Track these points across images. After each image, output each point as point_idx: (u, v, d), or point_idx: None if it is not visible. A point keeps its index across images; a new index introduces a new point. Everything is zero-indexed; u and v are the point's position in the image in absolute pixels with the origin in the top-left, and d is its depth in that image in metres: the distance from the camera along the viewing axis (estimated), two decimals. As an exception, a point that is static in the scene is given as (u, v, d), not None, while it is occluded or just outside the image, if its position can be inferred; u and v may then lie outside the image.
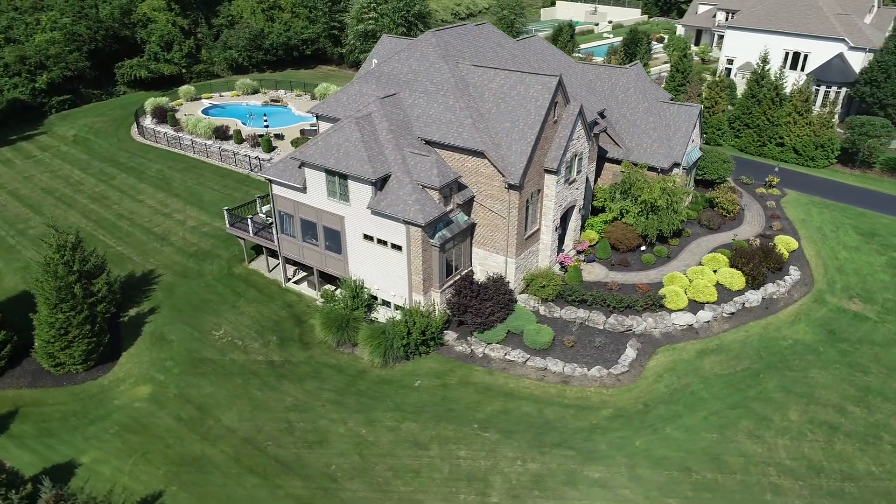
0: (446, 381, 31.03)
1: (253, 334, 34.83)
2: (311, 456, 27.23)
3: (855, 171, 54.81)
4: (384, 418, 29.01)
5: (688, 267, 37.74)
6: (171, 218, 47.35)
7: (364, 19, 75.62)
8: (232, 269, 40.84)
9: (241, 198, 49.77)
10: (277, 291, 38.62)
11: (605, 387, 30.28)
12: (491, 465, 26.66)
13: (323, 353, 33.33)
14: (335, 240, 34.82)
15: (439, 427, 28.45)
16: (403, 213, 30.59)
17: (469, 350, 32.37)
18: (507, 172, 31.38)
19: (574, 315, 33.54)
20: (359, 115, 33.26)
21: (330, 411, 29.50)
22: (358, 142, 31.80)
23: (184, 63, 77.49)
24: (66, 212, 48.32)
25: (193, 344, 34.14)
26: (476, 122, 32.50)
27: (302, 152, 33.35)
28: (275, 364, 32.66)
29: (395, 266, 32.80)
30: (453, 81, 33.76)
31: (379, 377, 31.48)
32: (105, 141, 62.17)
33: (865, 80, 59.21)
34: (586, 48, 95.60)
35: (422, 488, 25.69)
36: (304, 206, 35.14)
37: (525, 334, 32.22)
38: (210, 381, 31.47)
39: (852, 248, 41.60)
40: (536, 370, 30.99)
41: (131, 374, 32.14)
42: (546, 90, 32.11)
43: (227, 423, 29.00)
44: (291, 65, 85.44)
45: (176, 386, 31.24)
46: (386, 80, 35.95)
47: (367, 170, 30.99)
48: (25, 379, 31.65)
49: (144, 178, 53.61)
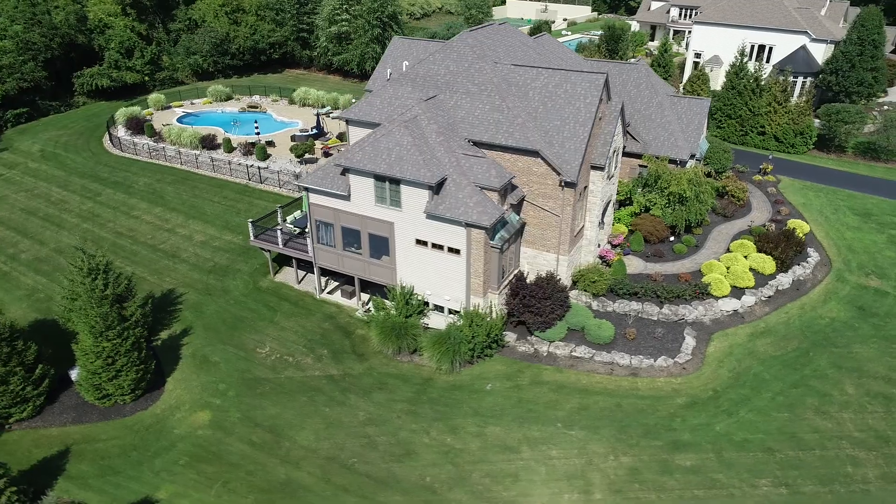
0: (517, 382, 30.91)
1: (302, 349, 33.58)
2: (402, 469, 26.54)
3: (831, 155, 58.12)
4: (466, 424, 28.61)
5: (716, 254, 39.09)
6: (175, 233, 44.98)
7: (337, 21, 74.15)
8: (258, 284, 39.22)
9: (244, 209, 47.93)
10: (313, 303, 37.37)
11: (673, 376, 30.96)
12: (585, 462, 26.77)
13: (381, 363, 32.52)
14: (382, 247, 34.00)
15: (524, 429, 28.32)
16: (465, 215, 30.21)
17: (532, 349, 32.35)
18: (563, 170, 31.53)
19: (628, 308, 34.10)
20: (405, 118, 32.61)
21: (407, 422, 28.83)
22: (410, 145, 31.18)
23: (147, 70, 73.68)
24: (57, 233, 45.07)
25: (241, 364, 32.58)
26: (526, 121, 32.48)
27: (348, 158, 32.37)
28: (335, 378, 31.61)
29: (451, 270, 32.35)
30: (497, 81, 33.62)
31: (447, 383, 31.01)
32: (78, 155, 58.33)
33: (831, 69, 62.90)
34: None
35: (524, 492, 25.50)
36: (346, 214, 34.13)
37: (587, 330, 32.49)
38: (272, 402, 30.13)
39: (854, 229, 44.15)
40: (604, 364, 31.32)
41: (183, 401, 30.35)
42: (594, 88, 32.47)
43: (304, 443, 27.85)
44: (258, 69, 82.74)
45: (237, 409, 29.73)
46: (422, 83, 35.40)
47: (424, 174, 30.42)
48: (68, 415, 29.36)
49: (134, 193, 50.69)
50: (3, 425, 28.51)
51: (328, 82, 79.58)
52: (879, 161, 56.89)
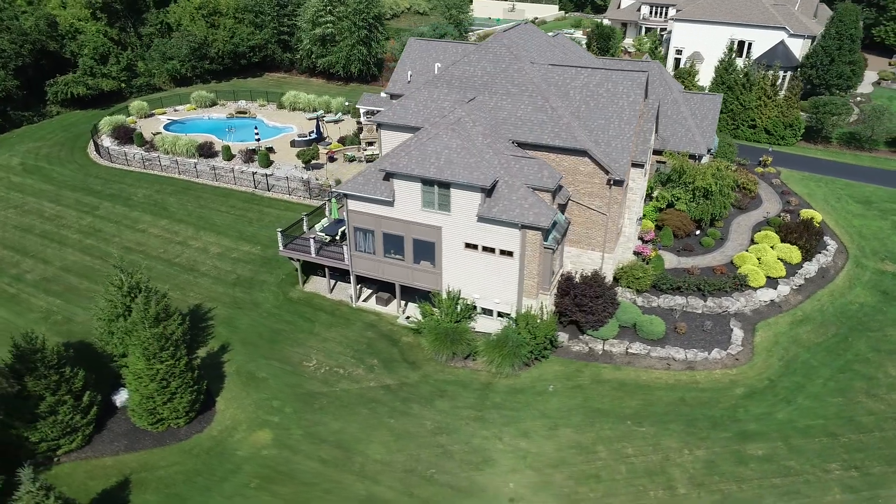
0: (578, 381, 30.91)
1: (351, 360, 32.74)
2: (483, 477, 26.15)
3: (818, 146, 60.43)
4: (536, 427, 28.42)
5: (741, 246, 40.05)
6: (188, 246, 43.23)
7: (321, 23, 72.72)
8: (288, 295, 38.06)
9: (255, 218, 46.52)
10: (350, 312, 36.50)
11: (728, 367, 31.53)
12: (662, 457, 26.96)
13: (436, 370, 31.99)
14: (427, 252, 33.46)
15: (595, 428, 28.33)
16: (521, 217, 29.98)
17: (587, 349, 32.42)
18: (612, 169, 31.68)
19: (673, 302, 34.56)
20: (449, 120, 32.17)
21: (477, 429, 28.44)
22: (460, 148, 30.76)
23: (123, 77, 70.59)
24: (60, 250, 42.68)
25: (291, 379, 31.53)
26: (571, 121, 32.50)
27: (393, 163, 31.69)
28: (391, 388, 30.92)
29: (502, 273, 32.09)
30: (537, 81, 33.53)
31: (508, 387, 30.75)
32: (64, 167, 55.42)
33: (811, 63, 65.42)
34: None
35: (610, 492, 25.50)
36: (388, 220, 33.44)
37: (639, 326, 32.77)
38: (332, 416, 29.24)
39: (859, 216, 45.99)
40: (661, 360, 31.65)
41: (239, 420, 29.13)
42: (637, 86, 32.74)
43: (376, 456, 27.13)
44: (237, 74, 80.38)
45: (298, 426, 28.72)
46: (458, 84, 34.99)
47: (477, 176, 30.04)
48: (120, 442, 27.78)
49: (134, 206, 48.48)
50: (51, 458, 26.75)
51: (312, 85, 78.02)
52: (863, 150, 59.46)
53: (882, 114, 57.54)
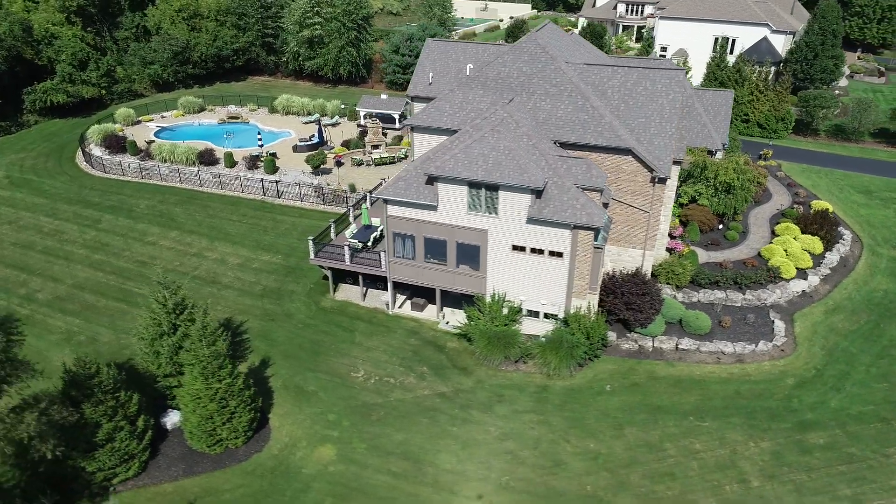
0: (633, 380, 31.00)
1: (399, 369, 32.08)
2: (559, 482, 25.93)
3: (808, 138, 62.35)
4: (602, 428, 28.36)
5: (763, 238, 40.91)
6: (205, 258, 41.73)
7: (309, 25, 71.27)
8: (320, 304, 37.10)
9: (269, 227, 45.26)
10: (388, 320, 35.80)
11: (775, 359, 32.11)
12: (729, 451, 27.24)
13: (488, 374, 31.62)
14: (471, 256, 33.03)
15: (659, 426, 28.44)
16: (573, 217, 29.85)
17: (637, 346, 32.56)
18: (656, 167, 31.88)
19: (713, 297, 35.02)
20: (492, 122, 31.81)
21: (543, 432, 28.20)
22: (508, 150, 30.44)
23: (103, 83, 67.75)
24: (68, 267, 40.63)
25: (342, 391, 30.69)
26: (613, 120, 32.56)
27: (438, 167, 31.16)
28: (447, 396, 30.42)
29: (551, 274, 31.93)
30: (576, 81, 33.47)
31: (565, 388, 30.62)
32: (54, 179, 52.84)
33: (796, 58, 67.40)
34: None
35: (687, 489, 25.61)
36: (431, 225, 32.88)
37: (685, 322, 33.08)
38: (393, 427, 28.56)
39: (863, 206, 47.56)
40: (710, 354, 32.01)
41: (297, 437, 28.18)
42: (676, 84, 33.02)
43: (447, 466, 26.62)
44: (220, 78, 78.14)
45: (360, 439, 27.95)
46: (493, 86, 34.66)
47: (528, 178, 29.77)
48: (177, 467, 26.52)
49: (138, 217, 46.55)
50: (107, 488, 25.35)
51: (299, 88, 76.42)
52: (850, 141, 61.59)
53: (868, 106, 59.70)
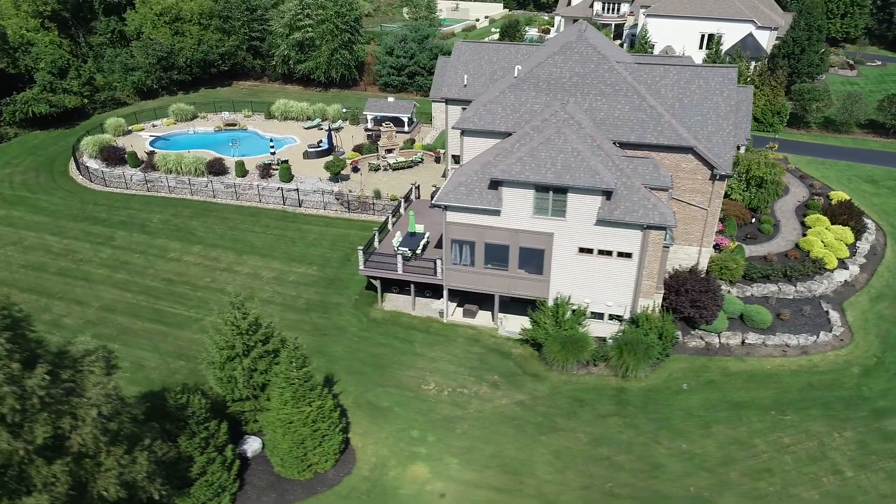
0: (708, 377, 31.12)
1: (470, 379, 31.35)
2: (661, 484, 25.73)
3: (801, 131, 64.35)
4: (689, 428, 28.32)
5: (794, 230, 41.84)
6: (236, 272, 39.95)
7: (300, 27, 69.36)
8: (370, 316, 35.99)
9: (297, 237, 43.72)
10: (443, 328, 34.99)
11: (836, 349, 32.77)
12: (817, 443, 27.60)
13: (561, 379, 31.22)
14: (534, 260, 32.53)
15: (744, 422, 28.58)
16: (645, 217, 29.71)
17: (703, 343, 32.72)
18: (717, 164, 32.08)
19: (766, 290, 35.54)
20: (554, 124, 31.39)
21: (633, 435, 27.98)
22: (576, 152, 30.08)
23: (85, 92, 64.26)
24: (91, 288, 38.21)
25: (417, 405, 29.75)
26: (672, 119, 32.61)
27: (505, 170, 30.53)
28: (526, 404, 29.87)
29: (618, 275, 31.72)
30: (631, 81, 33.38)
31: (642, 389, 30.48)
32: (51, 196, 49.74)
33: (783, 54, 69.46)
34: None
35: (787, 483, 25.78)
36: (492, 230, 32.25)
37: (747, 317, 33.45)
38: (481, 440, 27.83)
39: (874, 195, 49.27)
40: (776, 347, 32.44)
41: (384, 456, 27.09)
42: (729, 81, 33.32)
43: (547, 477, 26.06)
44: (206, 84, 75.23)
45: (449, 454, 27.09)
46: (546, 87, 34.24)
47: (599, 180, 29.47)
48: (267, 496, 25.08)
49: (154, 232, 44.22)
50: (198, 524, 23.77)
51: (289, 93, 74.30)
52: (841, 133, 63.86)
53: (859, 99, 62.01)
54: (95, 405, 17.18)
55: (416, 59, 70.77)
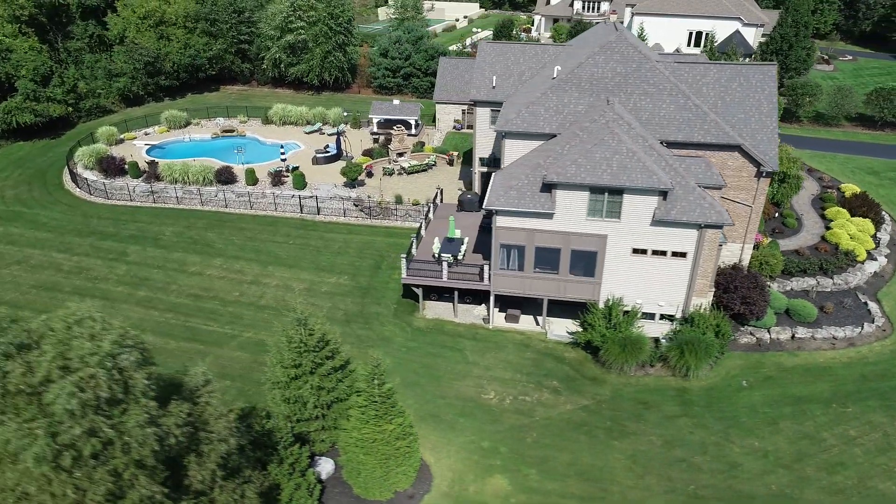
0: (764, 373, 31.32)
1: (529, 385, 30.85)
2: (742, 483, 25.70)
3: (793, 125, 65.86)
4: (757, 424, 28.41)
5: (816, 224, 42.63)
6: (264, 285, 38.52)
7: (292, 29, 67.61)
8: (413, 325, 35.15)
9: (321, 246, 42.47)
10: (490, 334, 34.41)
11: (881, 339, 33.42)
12: (881, 434, 28.03)
13: (621, 381, 30.99)
14: (586, 262, 32.22)
15: (808, 416, 28.83)
16: (703, 216, 29.68)
17: (754, 340, 32.93)
18: (764, 161, 32.33)
19: (805, 284, 36.03)
20: (602, 124, 31.12)
21: (703, 436, 27.90)
22: (631, 152, 29.86)
23: (70, 100, 61.27)
24: (113, 307, 36.17)
25: (481, 415, 29.09)
26: (717, 117, 32.71)
27: (560, 173, 30.09)
28: (591, 408, 29.53)
29: (672, 275, 31.65)
30: (674, 80, 33.36)
31: (703, 389, 30.48)
32: (50, 210, 47.14)
33: (772, 49, 71.00)
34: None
35: (863, 476, 26.06)
36: (543, 234, 31.82)
37: (793, 311, 33.85)
38: (554, 448, 27.34)
39: (878, 186, 50.66)
40: (825, 340, 32.88)
41: (460, 471, 26.35)
42: (770, 79, 33.62)
43: (627, 482, 25.75)
44: (193, 89, 72.68)
45: (526, 465, 26.52)
46: (588, 87, 33.94)
47: (656, 180, 29.32)
48: (350, 520, 24.13)
49: (169, 246, 42.31)
50: (284, 555, 22.61)
51: (279, 97, 72.42)
52: (831, 126, 65.64)
53: (849, 93, 63.82)
54: (223, 440, 16.00)
55: (412, 60, 69.83)
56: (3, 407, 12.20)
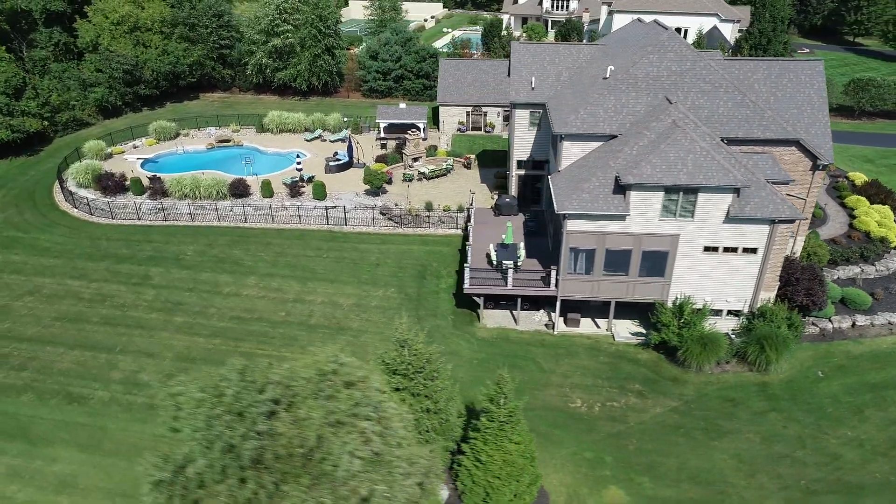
0: (836, 362, 31.94)
1: (613, 390, 30.45)
2: (848, 475, 26.03)
3: (779, 117, 68.11)
4: (844, 414, 28.90)
5: (838, 212, 44.05)
6: (309, 302, 36.72)
7: (280, 33, 65.00)
8: (476, 336, 34.19)
9: (358, 258, 40.88)
10: (558, 341, 33.84)
11: (931, 322, 34.70)
12: (960, 416, 29.05)
13: (701, 380, 30.99)
14: (656, 262, 32.07)
15: (888, 402, 29.55)
16: (776, 212, 29.97)
17: (817, 329, 33.58)
18: (821, 155, 32.96)
19: (850, 272, 37.04)
20: (668, 124, 31.01)
21: (797, 429, 28.16)
22: (705, 151, 29.84)
23: (46, 114, 56.93)
24: (151, 336, 33.69)
25: (575, 425, 28.50)
26: (774, 113, 33.13)
27: (637, 174, 29.77)
28: (680, 410, 29.37)
29: (741, 271, 31.85)
30: (729, 77, 33.58)
31: (783, 382, 30.81)
32: (48, 234, 43.53)
33: (752, 44, 73.30)
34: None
35: (955, 457, 26.89)
36: (615, 236, 31.47)
37: (848, 300, 34.73)
38: (658, 453, 27.01)
39: (878, 174, 52.83)
40: (884, 327, 33.85)
41: (571, 484, 25.66)
42: (818, 74, 34.31)
43: (741, 482, 25.65)
44: (171, 98, 68.87)
45: (637, 473, 26.09)
46: (644, 86, 33.75)
47: (732, 177, 29.37)
48: (478, 547, 22.98)
49: (194, 267, 39.76)
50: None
51: (265, 103, 69.50)
52: (812, 117, 68.20)
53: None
54: (408, 474, 14.71)
55: (402, 62, 68.41)
56: (282, 474, 10.65)
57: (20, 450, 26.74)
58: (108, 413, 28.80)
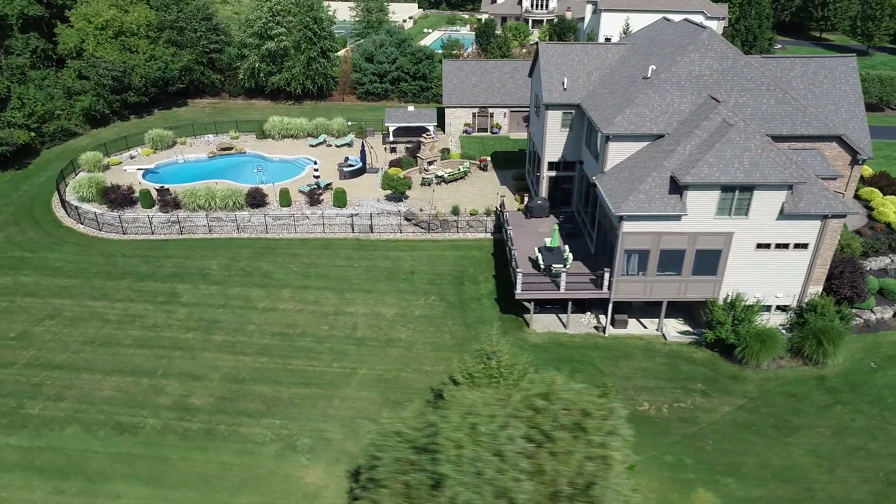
0: (885, 352, 32.59)
1: (676, 391, 30.38)
2: (924, 464, 26.58)
3: (769, 111, 69.72)
4: (906, 405, 29.54)
5: (853, 204, 45.10)
6: (350, 314, 35.62)
7: (274, 36, 63.14)
8: (529, 341, 33.73)
9: (391, 266, 39.97)
10: (611, 343, 33.64)
11: (963, 308, 35.79)
12: None
13: (761, 377, 31.19)
14: (709, 261, 32.15)
15: (943, 390, 30.34)
16: (828, 207, 30.40)
17: (861, 321, 34.24)
18: (861, 149, 33.59)
19: (881, 263, 37.94)
20: (718, 123, 31.11)
21: (864, 421, 28.54)
22: (760, 148, 30.03)
23: (33, 124, 53.90)
24: (193, 358, 32.09)
25: (648, 428, 28.25)
26: (815, 110, 33.60)
27: (695, 174, 29.74)
28: (745, 407, 29.47)
29: (792, 266, 32.20)
30: (770, 75, 33.90)
31: (839, 374, 31.26)
32: (56, 252, 41.11)
33: (740, 41, 74.83)
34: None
35: None
36: (670, 236, 31.43)
37: (887, 290, 35.52)
38: (737, 453, 27.00)
39: (874, 165, 54.46)
40: (923, 315, 34.75)
41: (659, 490, 25.42)
42: (852, 70, 34.95)
43: (822, 478, 25.82)
44: (160, 105, 66.16)
45: (719, 473, 26.01)
46: (688, 85, 33.78)
47: (788, 174, 29.66)
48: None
49: (222, 282, 38.12)
50: None
51: (258, 109, 67.54)
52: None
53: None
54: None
55: (398, 63, 67.37)
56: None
57: (79, 488, 24.98)
58: (164, 442, 27.20)
